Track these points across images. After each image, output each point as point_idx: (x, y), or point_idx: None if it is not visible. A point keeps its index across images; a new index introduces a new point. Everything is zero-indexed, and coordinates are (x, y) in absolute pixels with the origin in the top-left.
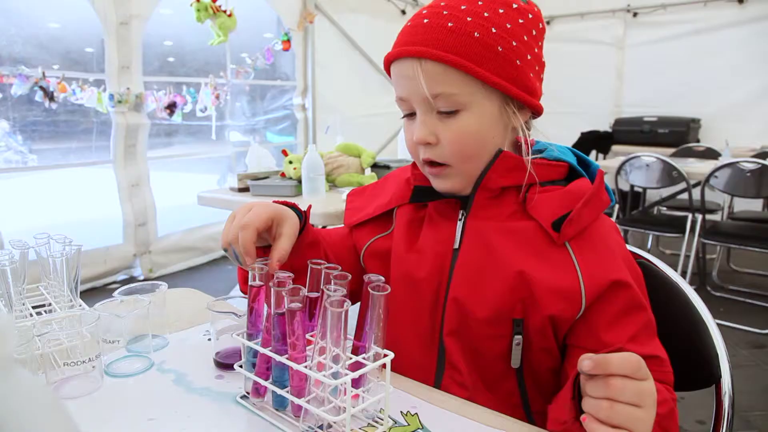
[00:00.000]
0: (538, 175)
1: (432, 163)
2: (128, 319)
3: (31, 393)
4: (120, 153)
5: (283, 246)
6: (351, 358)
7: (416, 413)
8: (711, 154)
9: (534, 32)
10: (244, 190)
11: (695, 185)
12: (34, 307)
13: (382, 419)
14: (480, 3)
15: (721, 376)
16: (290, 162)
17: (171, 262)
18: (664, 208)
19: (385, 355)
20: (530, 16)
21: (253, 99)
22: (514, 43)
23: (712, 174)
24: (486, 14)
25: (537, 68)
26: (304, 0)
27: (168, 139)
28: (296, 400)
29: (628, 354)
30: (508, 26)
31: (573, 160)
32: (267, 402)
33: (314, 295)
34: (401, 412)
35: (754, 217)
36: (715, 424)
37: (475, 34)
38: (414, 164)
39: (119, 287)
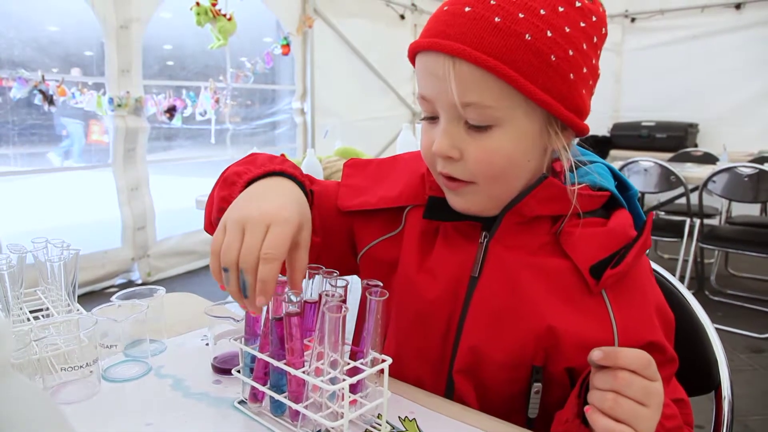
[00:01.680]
0: (579, 205)
1: (451, 178)
2: (126, 323)
3: (28, 398)
4: (119, 156)
5: (301, 261)
6: (349, 364)
7: (414, 419)
8: (709, 158)
9: (595, 39)
10: None
11: (693, 190)
12: (31, 312)
13: (380, 425)
14: None
15: (720, 382)
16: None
17: (169, 265)
18: (663, 213)
19: (383, 361)
20: (594, 18)
21: (253, 103)
22: (571, 53)
23: (710, 179)
24: (542, 12)
25: (591, 83)
26: (303, 4)
27: (167, 143)
28: (294, 406)
29: (640, 351)
30: (567, 30)
31: (613, 185)
32: (265, 407)
33: (312, 300)
34: (399, 417)
35: (752, 222)
36: (715, 429)
37: (527, 36)
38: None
39: (117, 291)
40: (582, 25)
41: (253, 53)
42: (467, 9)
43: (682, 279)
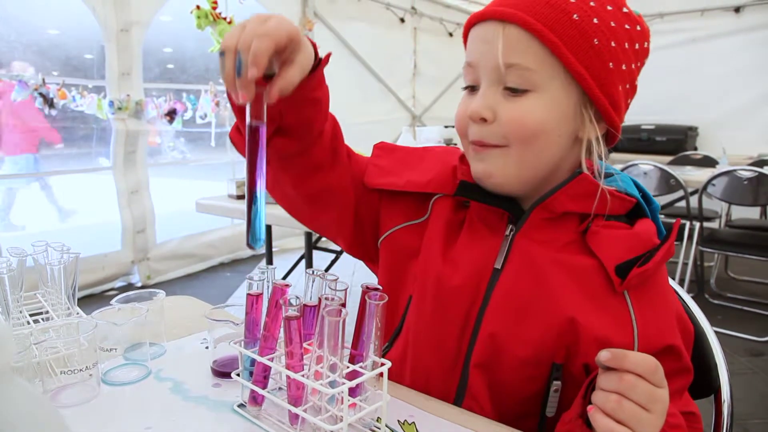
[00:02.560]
0: (606, 207)
1: (481, 144)
2: (126, 327)
3: (28, 402)
4: (120, 159)
5: (291, 75)
6: (348, 367)
7: (413, 422)
8: (708, 162)
9: (637, 46)
10: (243, 197)
11: (693, 193)
12: (31, 315)
13: (379, 428)
14: None
15: (720, 386)
16: None
17: (169, 269)
18: (662, 216)
19: (383, 364)
20: (638, 28)
21: None
22: (613, 44)
23: (709, 182)
24: (592, 3)
25: (628, 86)
26: (303, 8)
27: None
28: (293, 409)
29: (648, 355)
30: (612, 24)
31: (638, 195)
32: (264, 410)
33: (312, 303)
34: (398, 421)
35: (752, 225)
36: None
37: (575, 15)
38: (462, 156)
39: (117, 294)
40: (626, 27)
41: None
42: None
43: (681, 282)
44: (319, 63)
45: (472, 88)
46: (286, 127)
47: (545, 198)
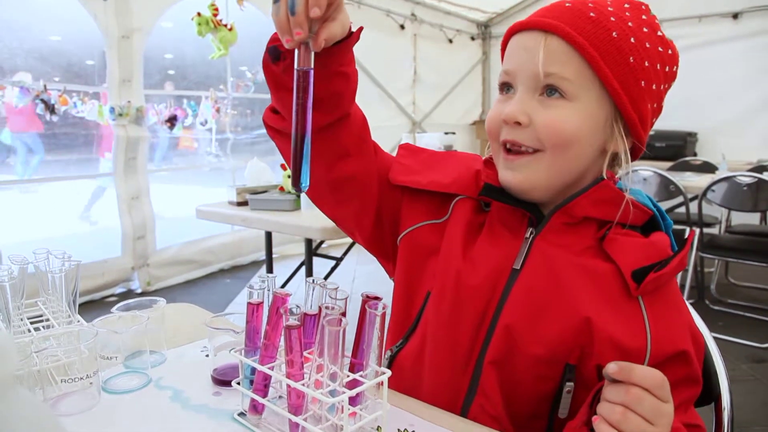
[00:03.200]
0: (627, 216)
1: (510, 151)
2: (126, 335)
3: (30, 411)
4: (120, 166)
5: (334, 28)
6: (348, 376)
7: (413, 431)
8: (708, 167)
9: (667, 69)
10: (243, 204)
11: (692, 199)
12: (31, 321)
13: None
14: (627, 13)
15: (720, 393)
16: (289, 176)
17: (169, 275)
18: None
19: (383, 373)
20: (670, 52)
21: (253, 112)
22: (647, 64)
23: (709, 188)
24: (630, 24)
25: (655, 105)
26: None
27: (168, 152)
28: (293, 418)
29: (655, 370)
30: (647, 45)
31: (655, 210)
32: (265, 419)
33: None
34: (398, 429)
35: (752, 231)
36: None
37: (614, 33)
38: (486, 161)
39: (117, 300)
40: (660, 49)
41: (254, 63)
42: (567, 4)
43: (682, 288)
44: (350, 36)
45: (507, 90)
46: (315, 99)
47: (567, 202)
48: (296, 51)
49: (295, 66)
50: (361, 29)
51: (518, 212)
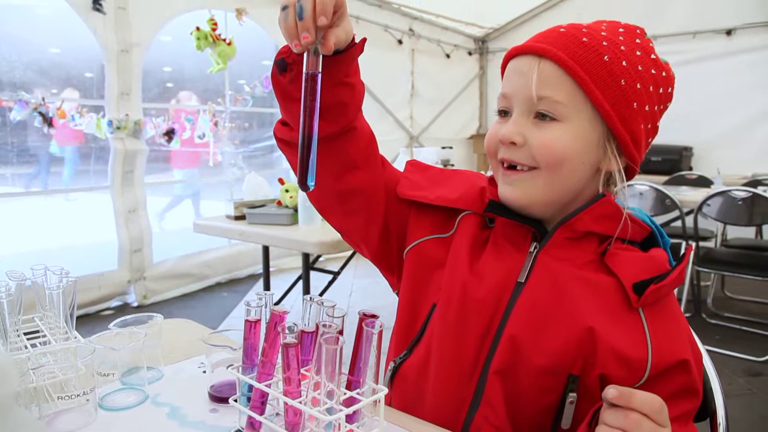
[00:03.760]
0: (627, 231)
1: (510, 167)
2: (123, 351)
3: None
4: (117, 179)
5: (339, 34)
6: (345, 394)
7: None
8: (703, 182)
9: (660, 90)
10: (241, 218)
11: (688, 213)
12: (28, 337)
13: None
14: (621, 37)
15: (715, 410)
16: (287, 190)
17: (165, 288)
18: None
19: (380, 390)
20: (664, 74)
21: (251, 126)
22: (639, 86)
23: (704, 202)
24: (623, 48)
25: (649, 126)
26: None
27: (165, 165)
28: None
29: (653, 395)
30: (640, 68)
31: (653, 226)
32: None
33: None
34: None
35: (748, 245)
36: None
37: (605, 57)
38: (491, 179)
39: (113, 313)
40: (653, 72)
41: (251, 77)
42: (561, 30)
43: (679, 302)
44: (354, 46)
45: (504, 114)
46: (321, 106)
47: (569, 218)
48: (305, 55)
49: (304, 70)
50: (364, 40)
51: (522, 228)
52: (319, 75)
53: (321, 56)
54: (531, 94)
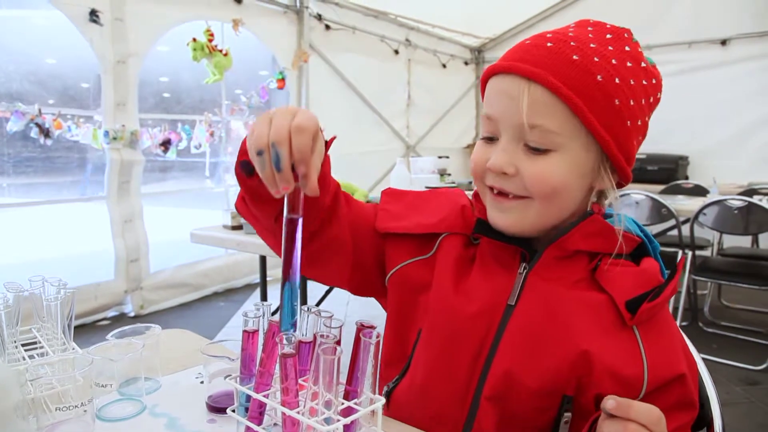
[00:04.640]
0: (616, 246)
1: (501, 194)
2: (121, 362)
3: None
4: (114, 189)
5: (317, 163)
6: (343, 404)
7: None
8: (699, 191)
9: (651, 99)
10: (237, 228)
11: (684, 222)
12: (25, 348)
13: None
14: (610, 48)
15: (712, 419)
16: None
17: (162, 298)
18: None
19: (377, 401)
20: (654, 81)
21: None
22: (632, 102)
23: (700, 211)
24: (614, 62)
25: (640, 138)
26: (299, 40)
27: (162, 175)
28: None
29: (652, 406)
30: (632, 83)
31: (642, 235)
32: None
33: (307, 340)
34: None
35: (744, 254)
36: None
37: (598, 77)
38: (475, 195)
39: (110, 323)
40: (644, 83)
41: (248, 87)
42: (549, 44)
43: (675, 311)
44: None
45: (489, 139)
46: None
47: (558, 237)
48: (285, 198)
49: (285, 214)
50: (333, 138)
51: (510, 248)
52: (300, 219)
53: (302, 195)
54: (521, 121)
